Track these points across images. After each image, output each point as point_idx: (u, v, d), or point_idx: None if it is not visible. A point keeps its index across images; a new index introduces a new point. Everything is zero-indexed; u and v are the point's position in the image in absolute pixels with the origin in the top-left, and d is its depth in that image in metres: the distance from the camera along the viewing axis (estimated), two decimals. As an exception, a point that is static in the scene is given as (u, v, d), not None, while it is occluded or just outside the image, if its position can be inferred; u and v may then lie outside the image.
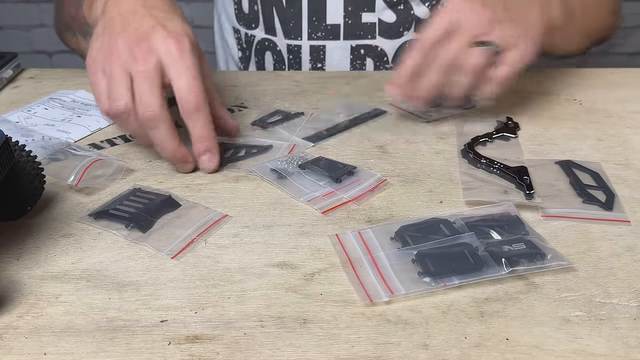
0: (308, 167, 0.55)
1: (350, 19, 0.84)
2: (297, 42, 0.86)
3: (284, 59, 0.88)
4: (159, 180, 0.55)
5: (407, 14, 0.85)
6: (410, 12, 0.85)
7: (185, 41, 0.52)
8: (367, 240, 0.46)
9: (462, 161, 0.58)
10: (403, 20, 0.85)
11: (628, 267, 0.44)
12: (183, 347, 0.37)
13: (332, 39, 0.85)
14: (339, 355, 0.37)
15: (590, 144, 0.61)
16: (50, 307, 0.40)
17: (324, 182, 0.54)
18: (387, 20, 0.85)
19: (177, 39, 0.52)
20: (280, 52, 0.88)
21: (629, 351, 0.37)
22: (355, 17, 0.84)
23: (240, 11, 0.89)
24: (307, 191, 0.53)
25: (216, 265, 0.44)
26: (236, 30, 0.92)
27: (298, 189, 0.53)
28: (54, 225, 0.49)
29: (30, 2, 2.14)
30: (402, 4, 0.84)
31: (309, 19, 0.84)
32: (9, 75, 0.77)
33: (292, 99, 0.72)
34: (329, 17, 0.84)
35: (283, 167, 0.55)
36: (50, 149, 0.57)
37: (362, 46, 0.86)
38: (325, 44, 0.85)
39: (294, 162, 0.56)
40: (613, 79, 0.76)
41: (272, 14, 0.86)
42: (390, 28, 0.85)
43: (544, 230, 0.48)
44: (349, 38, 0.85)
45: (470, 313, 0.40)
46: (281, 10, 0.85)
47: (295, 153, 0.59)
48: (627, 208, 0.51)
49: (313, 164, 0.56)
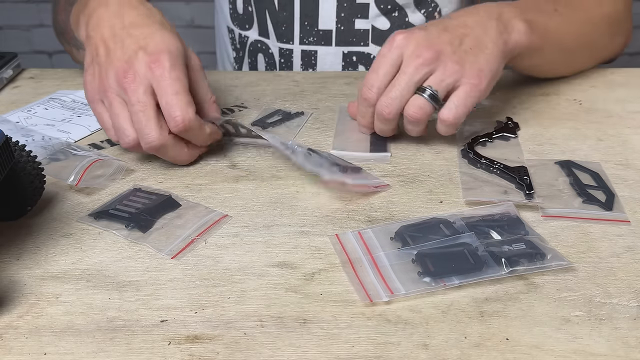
0: (316, 154, 0.55)
1: (342, 25, 0.83)
2: (289, 46, 0.86)
3: (275, 62, 0.88)
4: (159, 180, 0.55)
5: (401, 22, 0.84)
6: (405, 20, 0.84)
7: (165, 59, 0.53)
8: (367, 240, 0.46)
9: (462, 161, 0.58)
10: (397, 28, 0.83)
11: (628, 267, 0.44)
12: (183, 347, 0.37)
13: (324, 45, 0.85)
14: (339, 355, 0.37)
15: (590, 144, 0.61)
16: (50, 307, 0.40)
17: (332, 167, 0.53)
18: (380, 27, 0.84)
19: (157, 61, 0.53)
20: (273, 55, 0.87)
21: (629, 351, 0.37)
22: (348, 23, 0.83)
23: (234, 11, 0.89)
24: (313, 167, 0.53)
25: (216, 265, 0.44)
26: (230, 30, 0.92)
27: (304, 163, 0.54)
28: (54, 225, 0.49)
29: (30, 2, 2.14)
30: (396, 10, 0.83)
31: (301, 23, 0.84)
32: (9, 75, 0.77)
33: (292, 99, 0.72)
34: (321, 22, 0.83)
35: (292, 146, 0.56)
36: (50, 149, 0.57)
37: (354, 53, 0.85)
38: (317, 49, 0.85)
39: (304, 146, 0.56)
40: (613, 79, 0.76)
41: (265, 16, 0.85)
42: (383, 35, 0.84)
43: (544, 230, 0.48)
44: (341, 44, 0.85)
45: (470, 313, 0.40)
46: (274, 13, 0.85)
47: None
48: (627, 208, 0.51)
49: (321, 153, 0.56)
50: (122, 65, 0.53)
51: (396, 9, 0.83)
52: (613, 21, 0.74)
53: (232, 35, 0.92)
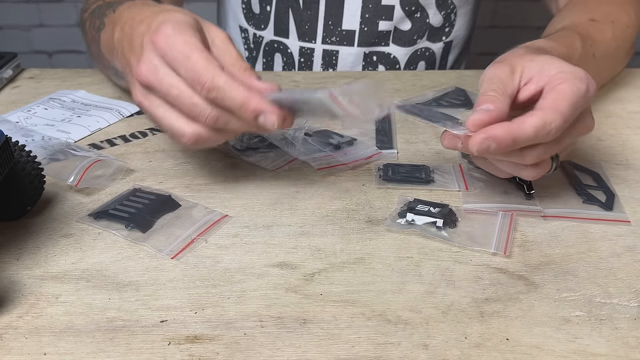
0: (313, 135, 0.61)
1: (366, 26, 0.84)
2: (310, 45, 0.86)
3: (294, 62, 0.88)
4: (159, 180, 0.55)
5: (422, 23, 0.85)
6: (426, 21, 0.85)
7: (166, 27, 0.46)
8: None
9: (462, 161, 0.58)
10: (418, 29, 0.86)
11: (628, 267, 0.44)
12: (183, 347, 0.37)
13: (347, 45, 0.85)
14: (339, 355, 0.37)
15: (590, 144, 0.61)
16: (50, 307, 0.40)
17: (327, 149, 0.59)
18: (402, 28, 0.85)
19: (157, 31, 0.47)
20: (292, 55, 0.88)
21: (629, 351, 0.37)
22: (372, 24, 0.84)
23: (249, 11, 0.89)
24: (308, 152, 0.58)
25: (216, 265, 0.44)
26: (244, 29, 0.92)
27: (301, 152, 0.58)
28: (54, 225, 0.49)
29: (30, 2, 2.14)
30: (418, 12, 0.84)
31: (325, 22, 0.85)
32: (9, 75, 0.77)
33: (292, 99, 0.72)
34: (345, 22, 0.84)
35: (291, 134, 0.60)
36: (50, 149, 0.57)
37: (375, 52, 0.86)
38: (339, 49, 0.86)
39: (301, 130, 0.60)
40: (613, 79, 0.76)
41: (288, 15, 0.86)
42: (404, 35, 0.86)
43: (543, 230, 0.48)
44: (363, 45, 0.85)
45: (470, 313, 0.40)
46: (297, 12, 0.85)
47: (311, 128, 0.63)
48: (627, 208, 0.51)
49: (318, 133, 0.61)
50: (136, 65, 0.48)
51: (419, 9, 0.84)
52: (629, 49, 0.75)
53: (245, 35, 0.92)
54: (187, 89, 0.45)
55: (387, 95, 0.48)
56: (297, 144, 0.59)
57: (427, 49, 0.88)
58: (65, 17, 2.10)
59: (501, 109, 0.45)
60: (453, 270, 0.44)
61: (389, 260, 0.45)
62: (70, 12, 2.09)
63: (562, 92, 0.45)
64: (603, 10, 0.71)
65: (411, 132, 0.64)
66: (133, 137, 0.63)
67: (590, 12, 0.69)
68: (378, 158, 0.58)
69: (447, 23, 0.87)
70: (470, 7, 0.89)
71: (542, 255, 0.45)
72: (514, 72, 0.48)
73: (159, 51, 0.46)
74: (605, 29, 0.68)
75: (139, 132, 0.64)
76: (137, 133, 0.64)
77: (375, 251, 0.46)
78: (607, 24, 0.69)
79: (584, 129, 0.48)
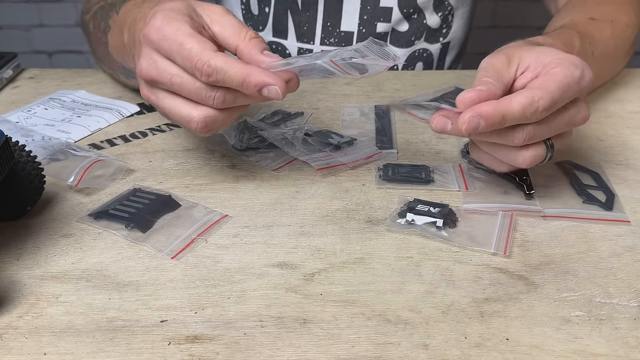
0: (313, 135, 0.60)
1: (364, 28, 0.84)
2: (308, 46, 0.86)
3: None
4: (159, 180, 0.55)
5: (419, 24, 0.86)
6: (423, 22, 0.86)
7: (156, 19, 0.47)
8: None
9: (462, 161, 0.58)
10: (415, 30, 0.86)
11: (628, 267, 0.44)
12: (183, 347, 0.37)
13: (345, 46, 0.85)
14: (339, 355, 0.37)
15: (590, 144, 0.61)
16: (50, 307, 0.40)
17: (327, 149, 0.59)
18: (400, 29, 0.85)
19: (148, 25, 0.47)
20: (290, 56, 0.88)
21: (629, 351, 0.37)
22: (370, 26, 0.84)
23: (248, 12, 0.89)
24: (308, 152, 0.58)
25: (216, 265, 0.44)
26: None
27: (301, 152, 0.58)
28: (54, 225, 0.49)
29: (30, 2, 2.14)
30: (416, 13, 0.85)
31: (323, 24, 0.85)
32: (9, 75, 0.77)
33: (292, 99, 0.72)
34: (343, 24, 0.84)
35: (291, 134, 0.60)
36: (50, 149, 0.57)
37: None
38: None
39: (301, 130, 0.61)
40: (613, 79, 0.76)
41: (286, 16, 0.86)
42: (402, 37, 0.86)
43: (543, 230, 0.48)
44: None
45: (470, 313, 0.40)
46: (296, 13, 0.85)
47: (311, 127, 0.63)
48: (627, 208, 0.51)
49: (318, 133, 0.61)
50: (138, 63, 0.48)
51: (417, 11, 0.84)
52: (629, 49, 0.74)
53: None
54: (188, 76, 0.46)
55: (389, 48, 0.47)
56: (297, 144, 0.59)
57: (424, 50, 0.88)
58: (65, 17, 2.11)
59: (492, 91, 0.45)
60: (453, 270, 0.44)
61: (389, 260, 0.45)
62: (70, 12, 2.09)
63: (553, 74, 0.46)
64: (602, 9, 0.71)
65: (411, 132, 0.64)
66: (133, 137, 0.63)
67: (589, 11, 0.69)
68: (378, 158, 0.58)
69: (444, 24, 0.87)
70: (468, 8, 0.90)
71: (542, 255, 0.45)
72: (510, 61, 0.48)
73: (153, 44, 0.47)
74: (604, 27, 0.68)
75: (139, 132, 0.64)
76: (137, 133, 0.64)
77: (375, 251, 0.46)
78: (606, 23, 0.69)
79: (578, 118, 0.48)
